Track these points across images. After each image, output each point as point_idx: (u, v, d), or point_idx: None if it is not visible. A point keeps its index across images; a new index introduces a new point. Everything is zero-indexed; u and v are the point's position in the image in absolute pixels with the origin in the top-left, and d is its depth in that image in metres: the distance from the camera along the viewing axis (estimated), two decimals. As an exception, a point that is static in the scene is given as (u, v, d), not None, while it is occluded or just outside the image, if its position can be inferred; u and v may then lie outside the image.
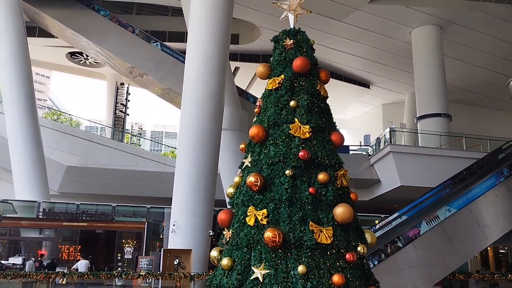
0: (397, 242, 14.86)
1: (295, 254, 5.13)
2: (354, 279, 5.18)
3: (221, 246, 5.98)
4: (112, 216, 24.85)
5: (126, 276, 14.96)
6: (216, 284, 5.50)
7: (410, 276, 14.83)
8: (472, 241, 16.07)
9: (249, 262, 5.26)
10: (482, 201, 16.19)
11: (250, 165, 5.93)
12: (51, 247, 24.46)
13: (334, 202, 5.52)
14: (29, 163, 24.67)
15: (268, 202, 5.47)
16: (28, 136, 24.72)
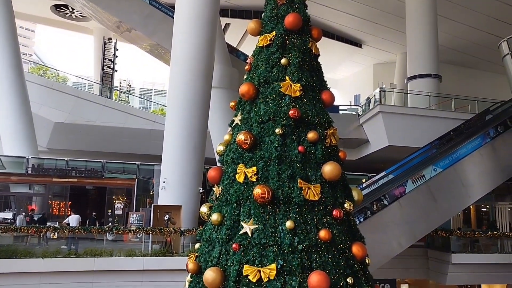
0: (383, 200, 15.21)
1: (283, 210, 5.24)
2: (340, 234, 5.33)
3: (211, 202, 6.07)
4: (102, 173, 24.92)
5: (117, 231, 15.19)
6: (205, 239, 5.63)
7: (395, 232, 15.31)
8: (456, 200, 16.52)
9: (238, 218, 5.37)
10: (468, 161, 16.52)
11: (240, 123, 5.94)
12: (41, 203, 24.62)
13: (322, 160, 5.59)
14: (16, 118, 24.40)
15: (258, 160, 5.52)
16: (14, 91, 24.32)
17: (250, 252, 5.07)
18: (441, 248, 18.38)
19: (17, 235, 15.53)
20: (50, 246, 15.03)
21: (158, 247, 15.11)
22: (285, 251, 5.00)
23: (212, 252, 5.38)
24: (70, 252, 14.46)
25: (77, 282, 14.05)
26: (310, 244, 5.08)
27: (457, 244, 18.05)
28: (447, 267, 17.38)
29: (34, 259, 13.78)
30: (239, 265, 5.02)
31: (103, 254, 14.20)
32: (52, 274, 13.85)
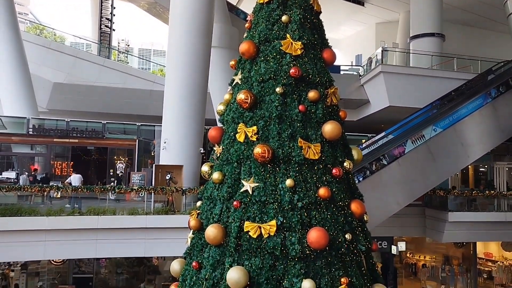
0: (382, 160, 15.33)
1: (283, 168, 5.30)
2: (340, 192, 5.42)
3: (212, 162, 6.14)
4: (102, 134, 24.98)
5: (119, 190, 15.39)
6: (207, 197, 5.73)
7: (393, 191, 15.52)
8: (455, 160, 16.65)
9: (239, 176, 5.44)
10: (468, 121, 16.53)
11: (241, 82, 5.91)
12: (43, 163, 24.82)
13: (323, 119, 5.60)
14: (15, 78, 24.19)
15: (258, 119, 5.53)
16: (11, 50, 23.97)
17: (251, 210, 5.18)
18: (438, 207, 18.68)
19: (21, 195, 15.76)
20: (54, 205, 15.28)
21: (160, 206, 15.36)
22: (285, 208, 5.10)
23: (214, 210, 5.49)
24: (74, 210, 14.71)
25: (81, 239, 14.38)
26: (310, 201, 5.18)
27: (454, 203, 18.33)
28: (444, 225, 17.73)
29: (38, 217, 14.05)
30: (240, 222, 5.13)
31: (107, 212, 14.45)
32: (57, 232, 14.16)
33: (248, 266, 4.91)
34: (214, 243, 5.17)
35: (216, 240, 5.14)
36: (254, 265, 4.89)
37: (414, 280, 22.15)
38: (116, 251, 15.43)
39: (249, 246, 4.99)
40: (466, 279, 21.24)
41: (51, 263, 18.65)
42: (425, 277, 21.84)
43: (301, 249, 4.89)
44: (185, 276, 5.54)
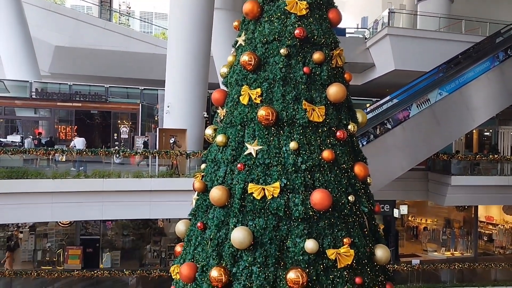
0: (386, 124, 15.28)
1: (287, 131, 5.28)
2: (343, 155, 5.41)
3: (216, 125, 6.12)
4: (106, 97, 24.91)
5: (124, 153, 15.48)
6: (211, 159, 5.74)
7: (397, 155, 15.54)
8: (459, 124, 16.56)
9: (242, 139, 5.43)
10: (474, 85, 16.33)
11: (244, 44, 5.80)
12: (47, 127, 24.91)
13: (328, 81, 5.53)
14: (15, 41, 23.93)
15: (262, 81, 5.46)
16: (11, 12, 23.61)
17: (255, 172, 5.19)
18: (441, 171, 18.75)
19: (27, 158, 15.90)
20: (59, 168, 15.43)
21: (164, 169, 15.49)
22: (288, 171, 5.11)
23: (218, 172, 5.51)
24: (79, 173, 14.87)
25: (87, 201, 14.61)
26: (313, 164, 5.18)
27: (457, 167, 18.38)
28: (446, 189, 17.84)
29: (44, 179, 14.24)
30: (244, 184, 5.16)
31: (111, 175, 14.60)
32: (63, 194, 14.38)
33: (252, 226, 4.98)
34: (218, 204, 5.22)
35: (221, 202, 5.19)
36: (258, 225, 4.96)
37: (415, 243, 22.53)
38: (122, 213, 15.71)
39: (253, 207, 5.04)
40: (467, 242, 21.58)
41: (59, 225, 19.03)
42: (426, 240, 22.19)
43: (304, 210, 4.93)
44: (190, 236, 5.63)
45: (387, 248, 5.46)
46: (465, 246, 21.52)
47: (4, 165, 15.03)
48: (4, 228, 19.77)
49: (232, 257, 4.96)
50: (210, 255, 5.13)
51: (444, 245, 21.43)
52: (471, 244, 21.47)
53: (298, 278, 4.64)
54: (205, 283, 5.01)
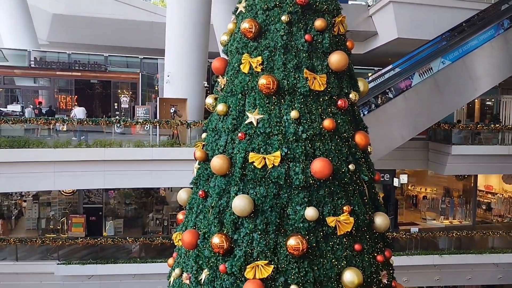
0: (388, 93, 15.19)
1: (288, 100, 5.25)
2: (344, 124, 5.40)
3: (216, 94, 6.08)
4: (105, 67, 24.71)
5: (125, 122, 15.47)
6: (212, 128, 5.74)
7: (398, 125, 15.53)
8: (461, 93, 16.46)
9: (243, 108, 5.41)
10: (478, 54, 16.13)
11: (245, 11, 5.69)
12: (47, 96, 24.83)
13: (329, 49, 5.46)
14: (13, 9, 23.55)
15: (263, 49, 5.39)
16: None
17: (255, 141, 5.20)
18: (442, 141, 18.76)
19: (28, 128, 15.92)
20: (61, 137, 15.47)
21: (165, 139, 15.52)
22: (289, 140, 5.12)
23: (219, 141, 5.52)
24: (81, 143, 14.91)
25: (90, 170, 14.71)
26: (314, 133, 5.18)
27: (458, 137, 18.38)
28: (447, 159, 17.89)
29: (46, 149, 14.30)
30: (245, 153, 5.17)
31: (113, 145, 14.65)
32: (65, 163, 14.47)
33: (253, 194, 5.02)
34: (219, 173, 5.25)
35: (222, 170, 5.22)
36: (258, 193, 5.00)
37: (414, 211, 22.79)
38: (124, 182, 15.84)
39: (254, 176, 5.07)
40: (465, 211, 21.82)
41: (62, 193, 19.23)
42: (425, 209, 22.45)
43: (305, 178, 4.97)
44: (192, 204, 5.70)
45: (386, 216, 5.53)
46: (464, 214, 21.77)
47: (5, 134, 15.07)
48: (8, 197, 20.00)
49: (233, 224, 5.03)
50: (211, 223, 5.20)
51: (443, 214, 21.69)
52: (469, 213, 21.72)
53: (298, 245, 4.72)
54: (207, 249, 5.11)
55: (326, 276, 4.83)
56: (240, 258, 4.85)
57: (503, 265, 17.95)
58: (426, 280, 18.72)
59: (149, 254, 16.55)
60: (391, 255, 5.64)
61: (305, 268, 4.78)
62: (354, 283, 4.81)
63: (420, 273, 17.75)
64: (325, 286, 4.83)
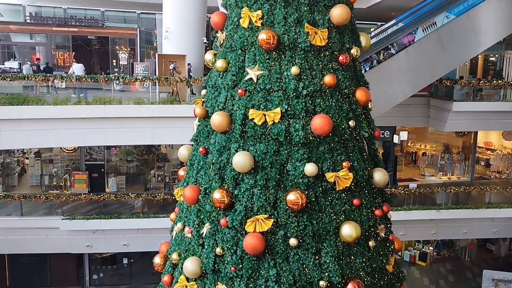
0: (390, 49, 14.94)
1: (288, 55, 5.18)
2: (345, 80, 5.35)
3: (216, 49, 5.99)
4: (102, 22, 24.21)
5: (124, 79, 15.33)
6: (211, 85, 5.69)
7: (399, 81, 15.38)
8: (465, 48, 16.19)
9: (243, 64, 5.34)
10: (484, 7, 15.72)
11: (244, -38, 5.51)
12: (45, 53, 24.50)
13: (331, 3, 5.32)
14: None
15: (263, 3, 5.26)
16: None
17: (255, 97, 5.17)
18: (443, 97, 18.64)
19: (26, 85, 15.80)
20: (60, 95, 15.39)
21: (165, 96, 15.43)
22: (289, 96, 5.09)
23: (218, 98, 5.49)
24: (80, 100, 14.84)
25: (91, 128, 14.74)
26: (315, 89, 5.14)
27: (460, 93, 18.25)
28: (447, 115, 17.85)
29: (46, 106, 14.26)
30: (245, 109, 5.16)
31: (113, 102, 14.59)
32: (65, 121, 14.47)
33: (253, 151, 5.05)
34: (219, 129, 5.26)
35: (222, 127, 5.22)
36: (258, 150, 5.03)
37: (413, 168, 23.00)
38: (125, 139, 15.91)
39: (254, 133, 5.08)
40: (464, 167, 22.02)
41: (63, 151, 19.36)
42: (424, 165, 22.64)
43: (305, 135, 4.98)
44: (192, 161, 5.74)
45: (385, 171, 5.59)
46: (462, 170, 21.98)
47: (4, 92, 14.98)
48: (10, 154, 20.15)
49: (233, 180, 5.09)
50: (212, 179, 5.26)
51: (442, 170, 21.90)
52: (468, 169, 21.92)
53: (298, 200, 4.80)
54: (208, 204, 5.20)
55: (325, 229, 4.94)
56: (240, 212, 4.94)
57: (499, 220, 18.31)
58: (423, 234, 19.18)
59: (151, 209, 16.86)
60: (389, 210, 5.74)
61: (304, 222, 4.88)
62: (352, 237, 4.93)
63: (417, 227, 18.15)
64: (323, 240, 4.95)
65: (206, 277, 5.12)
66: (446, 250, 22.40)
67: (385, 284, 5.38)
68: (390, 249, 5.59)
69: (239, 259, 4.89)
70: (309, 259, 4.87)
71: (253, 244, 4.76)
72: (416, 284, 20.06)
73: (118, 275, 20.19)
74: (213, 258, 5.03)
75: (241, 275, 4.89)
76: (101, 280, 19.95)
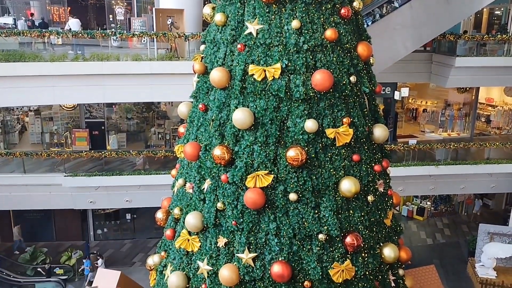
0: (393, 3, 14.57)
1: (289, 9, 5.05)
2: (347, 34, 5.24)
3: (214, 3, 5.83)
4: (97, -25, 23.49)
5: (121, 35, 15.04)
6: (210, 40, 5.58)
7: (402, 36, 15.09)
8: (470, 2, 15.80)
9: (242, 18, 5.22)
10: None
11: None
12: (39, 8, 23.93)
13: (333, -47, 5.13)
14: None
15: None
16: None
17: (255, 52, 5.09)
18: (446, 52, 18.35)
19: (22, 41, 15.50)
20: (57, 51, 15.14)
21: (164, 52, 15.19)
22: (290, 51, 5.01)
23: (217, 53, 5.40)
24: (77, 56, 14.63)
25: (89, 85, 14.61)
26: (316, 43, 5.05)
27: (463, 48, 17.93)
28: (450, 71, 17.63)
29: (43, 62, 14.07)
30: (244, 65, 5.09)
31: (110, 58, 14.38)
32: (63, 77, 14.32)
33: (253, 107, 5.03)
34: (219, 86, 5.21)
35: (221, 83, 5.17)
36: (258, 106, 5.00)
37: (413, 124, 22.98)
38: (124, 96, 15.82)
39: (254, 89, 5.04)
40: (464, 123, 21.99)
41: (63, 108, 19.29)
42: (424, 121, 22.60)
43: (305, 91, 4.93)
44: (192, 117, 5.72)
45: (385, 127, 5.58)
46: (462, 127, 21.97)
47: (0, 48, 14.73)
48: (10, 112, 20.09)
49: (234, 136, 5.09)
50: (212, 135, 5.27)
51: (442, 126, 21.88)
52: (468, 125, 21.90)
53: (298, 156, 4.82)
54: (209, 160, 5.23)
55: (324, 185, 5.00)
56: (241, 168, 4.98)
57: (497, 175, 18.49)
58: (421, 190, 19.43)
59: (152, 166, 16.99)
60: (388, 165, 5.79)
61: (304, 178, 4.93)
62: (351, 191, 4.99)
63: (416, 183, 18.36)
64: (323, 194, 5.01)
65: (207, 230, 5.23)
66: (444, 205, 22.79)
67: (383, 237, 5.50)
68: (389, 204, 5.68)
69: (239, 214, 4.98)
70: (308, 213, 4.95)
71: (254, 199, 4.83)
72: (413, 237, 20.55)
73: (121, 230, 20.66)
74: (214, 212, 5.11)
75: (242, 229, 4.99)
76: (105, 235, 20.44)
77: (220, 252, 5.11)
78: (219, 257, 5.10)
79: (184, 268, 5.40)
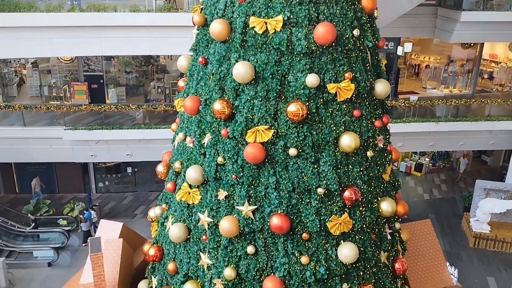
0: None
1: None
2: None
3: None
4: None
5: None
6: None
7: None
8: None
9: (244, -33, 5.04)
10: None
11: None
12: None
13: None
14: None
15: None
16: None
17: (256, 4, 4.95)
18: (452, 6, 17.89)
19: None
20: (52, 1, 14.75)
21: (162, 3, 14.82)
22: (292, 3, 4.86)
23: (218, 5, 5.25)
24: (74, 6, 14.27)
25: (86, 37, 14.35)
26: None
27: (469, 2, 17.47)
28: (455, 26, 17.26)
29: (39, 13, 13.74)
30: (245, 17, 4.96)
31: (107, 9, 14.04)
32: (60, 29, 14.05)
33: (253, 61, 4.94)
34: (219, 38, 5.10)
35: (221, 36, 5.06)
36: (259, 60, 4.92)
37: (415, 80, 22.76)
38: (122, 49, 15.58)
39: (255, 42, 4.94)
40: (467, 80, 21.77)
41: (61, 61, 19.02)
42: (426, 78, 22.36)
43: (307, 44, 4.84)
44: (192, 71, 5.65)
45: (387, 82, 5.52)
46: (464, 83, 21.77)
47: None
48: (7, 64, 19.83)
49: (234, 91, 5.04)
50: (212, 89, 5.21)
51: (444, 83, 21.68)
52: (470, 82, 21.70)
53: (298, 111, 4.79)
54: (209, 115, 5.20)
55: (324, 140, 5.00)
56: (241, 123, 4.97)
57: (497, 132, 18.53)
58: (421, 146, 19.52)
59: (152, 120, 16.99)
60: (388, 121, 5.77)
61: (304, 133, 4.92)
62: (351, 147, 5.00)
63: (415, 139, 18.42)
64: (322, 149, 5.03)
65: (208, 184, 5.29)
66: (442, 161, 22.98)
67: (381, 192, 5.58)
68: (388, 159, 5.71)
69: (240, 168, 5.02)
70: (307, 167, 4.99)
71: (254, 154, 4.85)
72: (411, 192, 20.87)
73: (123, 183, 20.93)
74: (215, 166, 5.15)
75: (242, 183, 5.05)
76: (106, 187, 20.73)
77: (221, 205, 5.19)
78: (220, 210, 5.18)
79: (185, 220, 5.51)
